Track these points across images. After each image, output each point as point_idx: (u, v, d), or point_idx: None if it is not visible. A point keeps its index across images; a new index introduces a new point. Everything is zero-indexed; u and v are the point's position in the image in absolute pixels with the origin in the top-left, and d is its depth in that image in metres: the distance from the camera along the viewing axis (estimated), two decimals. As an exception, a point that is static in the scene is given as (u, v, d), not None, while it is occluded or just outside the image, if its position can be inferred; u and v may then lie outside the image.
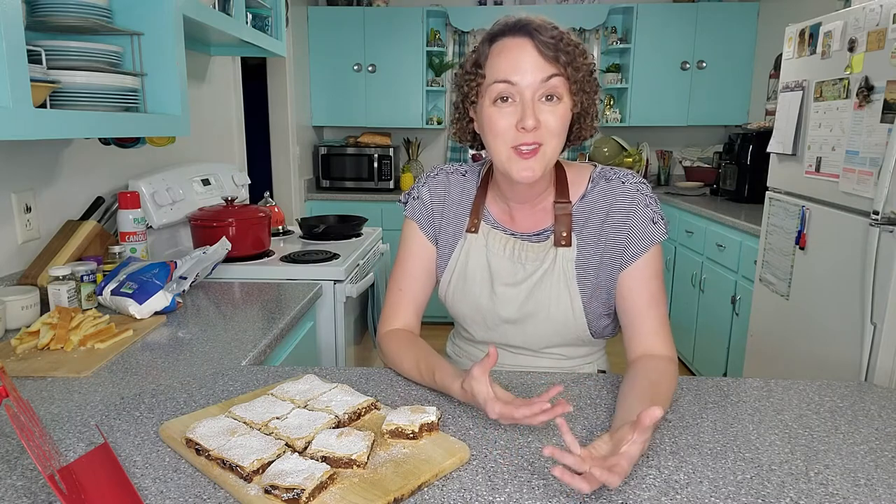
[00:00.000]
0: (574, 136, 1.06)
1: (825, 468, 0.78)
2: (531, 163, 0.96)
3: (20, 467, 0.77)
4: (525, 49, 0.94)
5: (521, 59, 0.94)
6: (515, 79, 0.94)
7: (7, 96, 0.95)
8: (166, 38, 1.41)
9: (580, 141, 1.08)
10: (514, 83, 0.94)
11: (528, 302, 1.08)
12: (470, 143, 1.10)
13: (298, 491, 0.67)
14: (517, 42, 0.95)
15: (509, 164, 0.97)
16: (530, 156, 0.95)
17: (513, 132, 0.95)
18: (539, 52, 0.93)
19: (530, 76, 0.93)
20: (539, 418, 0.79)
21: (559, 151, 1.00)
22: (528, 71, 0.93)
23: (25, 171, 1.54)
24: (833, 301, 2.02)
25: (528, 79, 0.93)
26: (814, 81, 2.18)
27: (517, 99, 0.95)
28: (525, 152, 0.95)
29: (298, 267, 1.86)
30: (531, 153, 0.95)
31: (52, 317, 1.23)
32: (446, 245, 1.15)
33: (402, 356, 1.06)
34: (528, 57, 0.94)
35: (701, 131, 4.44)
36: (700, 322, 3.30)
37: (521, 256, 1.08)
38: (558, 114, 0.96)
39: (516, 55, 0.94)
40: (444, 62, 4.32)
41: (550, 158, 0.98)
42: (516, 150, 0.96)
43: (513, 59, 0.94)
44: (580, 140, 1.08)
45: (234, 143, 2.84)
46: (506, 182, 1.06)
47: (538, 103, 0.95)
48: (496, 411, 0.82)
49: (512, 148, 0.96)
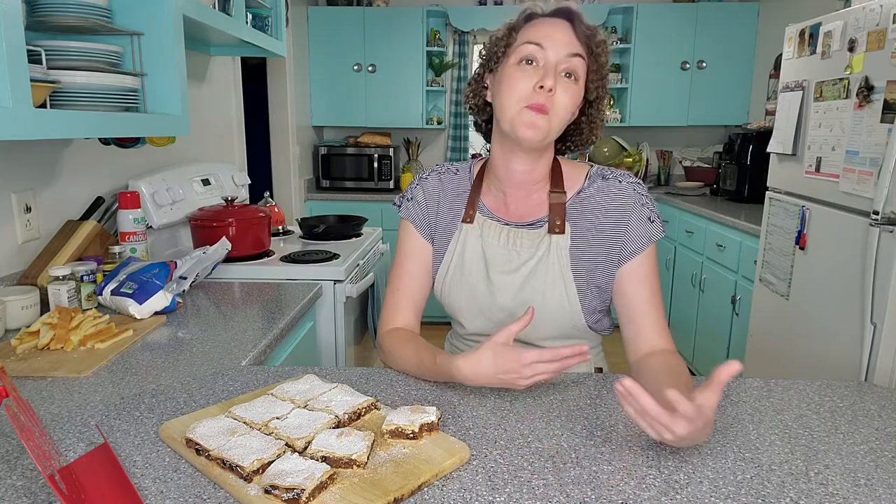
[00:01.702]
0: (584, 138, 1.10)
1: (825, 468, 0.78)
2: (539, 119, 0.99)
3: (20, 467, 0.77)
4: (563, 26, 1.02)
5: (557, 32, 1.01)
6: (547, 44, 1.00)
7: (7, 96, 0.95)
8: (166, 38, 1.41)
9: (588, 144, 1.12)
10: (545, 48, 1.00)
11: (524, 289, 1.09)
12: (477, 111, 1.14)
13: (298, 491, 0.67)
14: (556, 20, 1.03)
15: (518, 119, 1.00)
16: (539, 112, 0.99)
17: (529, 92, 0.99)
18: (573, 32, 1.01)
19: (561, 47, 1.00)
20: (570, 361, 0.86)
21: (560, 129, 1.04)
22: (561, 42, 1.00)
23: (25, 171, 1.54)
24: (833, 301, 2.02)
25: (557, 48, 1.00)
26: (814, 81, 2.18)
27: (541, 64, 1.00)
28: (536, 109, 0.99)
29: (298, 267, 1.87)
30: (540, 111, 0.99)
31: (52, 317, 1.23)
32: (442, 240, 1.16)
33: (402, 351, 1.07)
34: (563, 31, 1.01)
35: (701, 131, 4.44)
36: (700, 322, 3.30)
37: (516, 244, 1.10)
38: (572, 92, 1.01)
39: (553, 28, 1.01)
40: (444, 62, 4.31)
41: (555, 129, 1.02)
42: (528, 106, 0.99)
43: (549, 30, 1.01)
44: (588, 143, 1.12)
45: (234, 143, 2.84)
46: (504, 161, 1.09)
47: (559, 76, 1.00)
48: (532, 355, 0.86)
49: (525, 105, 1.00)
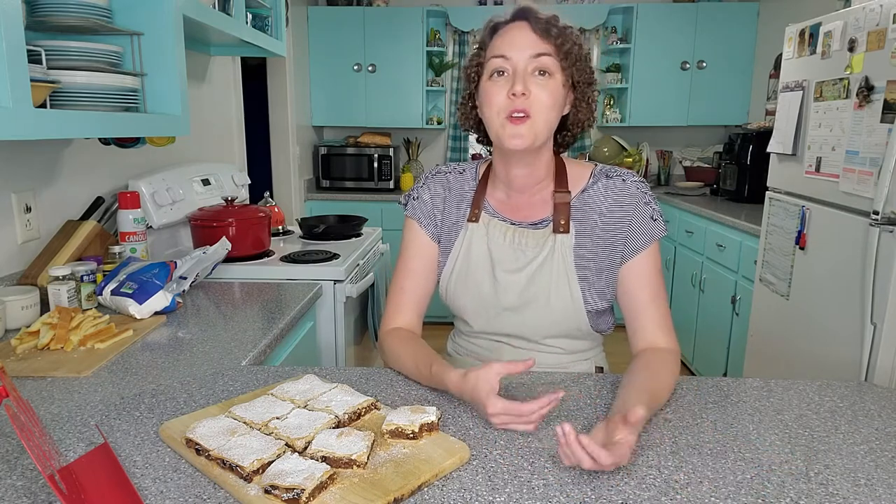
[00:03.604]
0: (579, 119, 1.10)
1: (825, 468, 0.78)
2: (521, 129, 1.00)
3: (20, 467, 0.77)
4: (522, 29, 1.02)
5: (517, 38, 1.02)
6: (510, 53, 1.01)
7: (7, 96, 0.95)
8: (166, 38, 1.41)
9: (580, 129, 1.12)
10: (509, 58, 1.01)
11: (529, 288, 1.09)
12: (473, 129, 1.15)
13: (298, 491, 0.67)
14: (515, 25, 1.04)
15: (502, 132, 1.02)
16: (520, 122, 1.00)
17: (505, 101, 1.01)
18: (532, 30, 1.02)
19: (523, 51, 1.01)
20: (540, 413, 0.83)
21: (551, 127, 1.04)
22: (522, 47, 1.01)
23: (25, 171, 1.54)
24: (833, 301, 2.02)
25: (520, 53, 1.01)
26: (814, 81, 2.18)
27: (510, 73, 1.02)
28: (516, 118, 1.00)
29: (298, 267, 1.87)
30: (521, 120, 1.00)
31: (52, 317, 1.23)
32: (448, 239, 1.17)
33: (402, 353, 1.07)
34: (522, 35, 1.02)
35: (701, 131, 4.44)
36: (700, 322, 3.30)
37: (522, 243, 1.10)
38: (549, 88, 1.01)
39: (513, 35, 1.03)
40: (444, 62, 4.31)
41: (541, 130, 1.02)
42: (509, 118, 1.01)
43: (509, 38, 1.03)
44: (579, 128, 1.11)
45: (234, 143, 2.84)
46: (504, 168, 1.10)
47: (530, 76, 1.01)
48: (498, 407, 0.83)
49: (505, 117, 1.01)
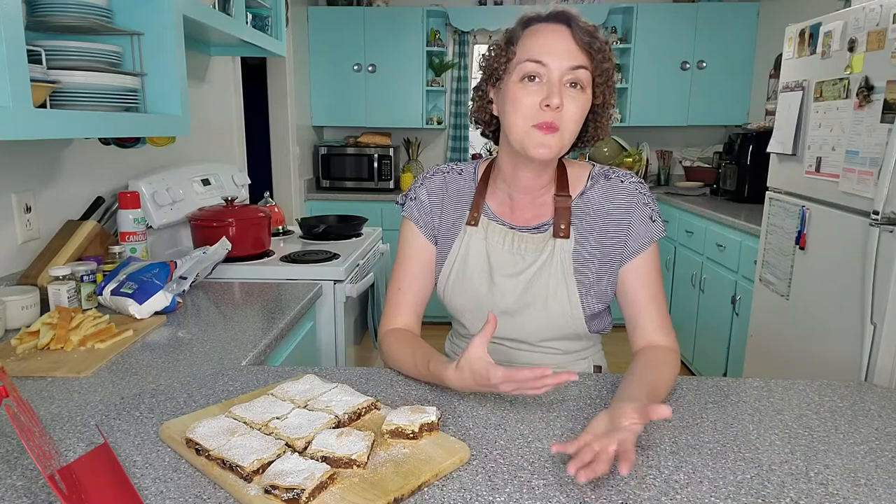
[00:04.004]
0: (589, 136, 1.09)
1: (825, 468, 0.78)
2: (549, 139, 0.98)
3: (20, 467, 0.77)
4: (561, 34, 0.97)
5: (556, 43, 0.97)
6: (547, 60, 0.96)
7: (7, 96, 0.95)
8: (166, 38, 1.41)
9: (594, 141, 1.10)
10: (546, 64, 0.96)
11: (527, 293, 1.09)
12: (485, 125, 1.12)
13: (298, 491, 0.67)
14: (554, 27, 0.98)
15: (528, 139, 0.98)
16: (549, 132, 0.97)
17: (535, 110, 0.97)
18: (574, 40, 0.97)
19: (563, 61, 0.96)
20: (544, 381, 0.81)
21: (572, 141, 1.02)
22: (562, 55, 0.96)
23: (25, 171, 1.54)
24: (833, 301, 2.02)
25: (559, 62, 0.96)
26: (814, 81, 2.18)
27: (544, 80, 0.97)
28: (544, 128, 0.97)
29: (298, 267, 1.87)
30: (550, 130, 0.97)
31: (52, 317, 1.23)
32: (446, 241, 1.16)
33: (401, 352, 1.07)
34: (563, 42, 0.97)
35: (701, 131, 4.44)
36: (700, 322, 3.30)
37: (521, 248, 1.10)
38: (580, 102, 0.99)
39: (551, 38, 0.97)
40: (444, 62, 4.31)
41: (565, 144, 1.00)
42: (536, 126, 0.98)
43: (547, 42, 0.97)
44: (594, 140, 1.10)
45: (234, 143, 2.84)
46: (512, 167, 1.08)
47: (564, 88, 0.97)
48: (499, 375, 0.83)
49: (532, 125, 0.98)
